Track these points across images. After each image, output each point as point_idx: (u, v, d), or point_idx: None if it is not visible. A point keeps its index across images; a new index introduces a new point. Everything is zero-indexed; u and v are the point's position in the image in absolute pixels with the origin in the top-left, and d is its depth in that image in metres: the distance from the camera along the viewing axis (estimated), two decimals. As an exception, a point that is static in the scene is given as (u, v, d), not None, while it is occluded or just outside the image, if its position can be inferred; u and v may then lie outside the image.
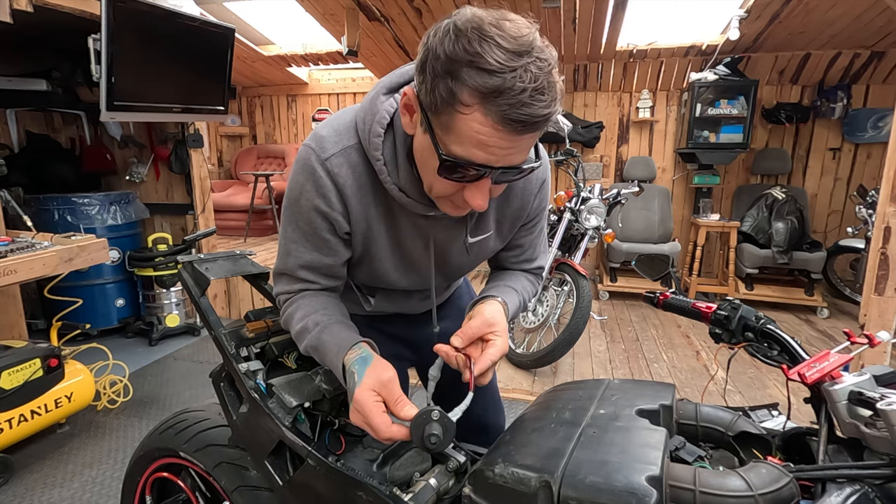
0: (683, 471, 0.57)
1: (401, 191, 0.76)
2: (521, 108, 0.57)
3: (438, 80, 0.59)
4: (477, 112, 0.58)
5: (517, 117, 0.57)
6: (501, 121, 0.58)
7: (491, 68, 0.56)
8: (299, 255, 0.82)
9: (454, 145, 0.62)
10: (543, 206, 0.94)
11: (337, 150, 0.76)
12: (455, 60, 0.57)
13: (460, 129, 0.60)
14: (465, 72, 0.57)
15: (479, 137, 0.60)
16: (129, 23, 2.41)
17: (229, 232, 5.22)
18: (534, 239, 0.98)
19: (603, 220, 3.06)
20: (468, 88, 0.57)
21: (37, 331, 3.14)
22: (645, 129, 4.80)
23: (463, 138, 0.61)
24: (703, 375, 2.87)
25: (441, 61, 0.59)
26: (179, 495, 1.11)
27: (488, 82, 0.56)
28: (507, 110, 0.57)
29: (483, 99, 0.57)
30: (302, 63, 5.21)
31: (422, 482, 0.72)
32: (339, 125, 0.78)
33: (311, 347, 0.80)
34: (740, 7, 3.51)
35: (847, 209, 4.44)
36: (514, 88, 0.56)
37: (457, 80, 0.58)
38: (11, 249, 1.88)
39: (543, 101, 0.58)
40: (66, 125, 3.76)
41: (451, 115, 0.60)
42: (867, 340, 0.70)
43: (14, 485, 1.90)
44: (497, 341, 0.74)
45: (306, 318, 0.81)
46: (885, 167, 1.99)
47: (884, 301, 2.01)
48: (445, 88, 0.59)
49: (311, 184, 0.76)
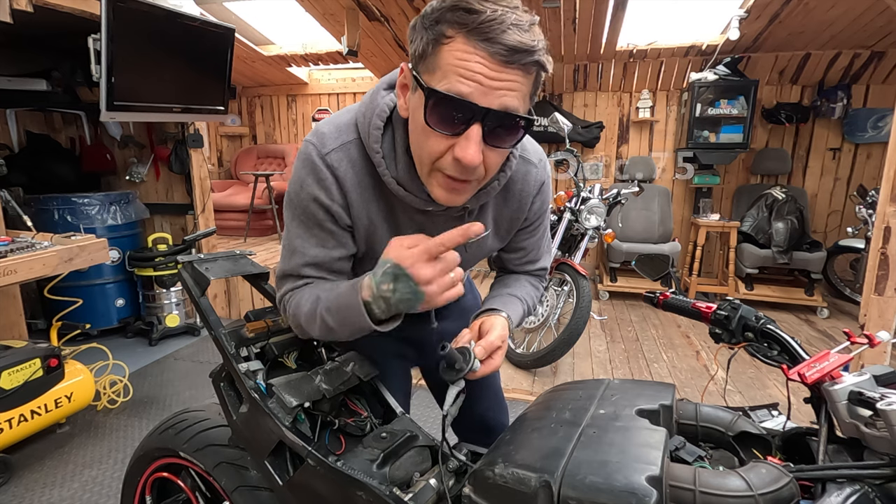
0: (683, 471, 0.57)
1: (399, 184, 0.77)
2: (502, 34, 0.59)
3: (427, 30, 0.63)
4: (459, 40, 0.61)
5: (499, 40, 0.59)
6: (483, 43, 0.59)
7: (471, 7, 0.59)
8: (304, 251, 0.80)
9: (440, 81, 0.62)
10: (544, 208, 0.94)
11: (337, 145, 0.77)
12: (441, 9, 0.62)
13: (445, 60, 0.62)
14: (450, 13, 0.61)
15: (462, 65, 0.61)
16: (129, 23, 2.41)
17: (229, 232, 5.22)
18: (536, 241, 0.98)
19: (603, 220, 3.06)
20: (450, 24, 0.61)
21: (37, 331, 3.14)
22: (645, 129, 4.80)
23: (447, 70, 0.62)
24: (703, 375, 2.87)
25: (429, 16, 0.63)
26: (179, 495, 1.11)
27: (468, 16, 0.60)
28: (487, 33, 0.59)
29: (464, 28, 0.60)
30: (302, 63, 5.21)
31: (422, 482, 0.72)
32: (340, 122, 0.79)
33: (326, 312, 0.75)
34: (740, 7, 3.51)
35: (847, 209, 4.44)
36: (496, 19, 0.59)
37: (442, 21, 0.62)
38: (11, 249, 1.88)
39: (526, 35, 0.60)
40: (66, 125, 3.76)
41: (436, 51, 0.62)
42: (867, 340, 0.70)
43: (14, 485, 1.90)
44: (497, 360, 0.77)
45: (313, 295, 0.78)
46: (885, 167, 1.99)
47: (884, 301, 2.01)
48: (432, 32, 0.63)
49: (312, 177, 0.77)
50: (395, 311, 0.68)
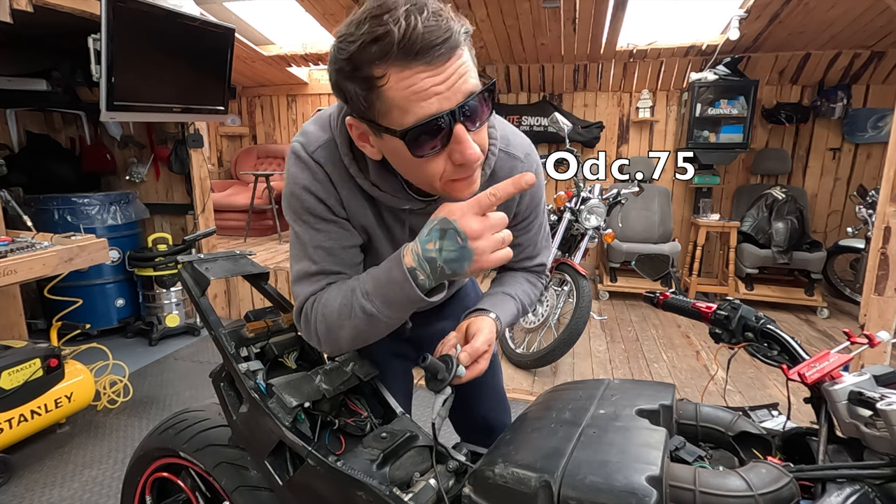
0: (683, 471, 0.57)
1: (373, 185, 0.77)
2: (420, 40, 0.56)
3: (351, 80, 0.61)
4: (392, 74, 0.58)
5: (424, 47, 0.56)
6: (414, 60, 0.57)
7: (376, 35, 0.56)
8: (317, 245, 0.79)
9: (403, 118, 0.61)
10: (535, 202, 0.93)
11: (321, 143, 0.77)
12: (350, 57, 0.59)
13: (393, 99, 0.60)
14: (363, 53, 0.58)
15: (412, 91, 0.58)
16: (129, 23, 2.41)
17: (229, 232, 5.21)
18: (532, 237, 0.97)
19: (603, 220, 3.06)
20: (370, 65, 0.58)
21: (37, 331, 3.14)
22: (645, 129, 4.80)
23: (403, 104, 0.60)
24: (703, 375, 2.87)
25: (343, 68, 0.60)
26: (179, 495, 1.11)
27: (381, 46, 0.56)
28: (410, 49, 0.56)
29: (387, 60, 0.57)
30: (302, 63, 5.20)
31: (422, 482, 0.72)
32: (322, 119, 0.80)
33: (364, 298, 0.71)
34: (740, 7, 3.51)
35: (847, 209, 4.44)
36: (404, 31, 0.56)
37: (361, 64, 0.59)
38: (11, 249, 1.88)
39: (435, 22, 0.57)
40: (66, 125, 3.76)
41: (379, 95, 0.60)
42: (867, 340, 0.70)
43: (14, 485, 1.90)
44: (483, 364, 0.77)
45: (346, 288, 0.75)
46: (885, 167, 1.99)
47: (884, 301, 2.01)
48: (359, 80, 0.60)
49: (304, 174, 0.77)
50: (442, 276, 0.65)
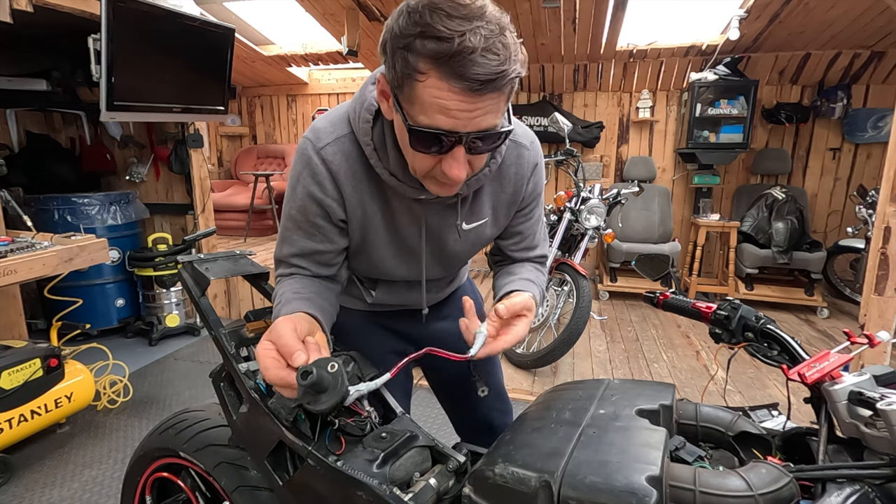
0: (683, 471, 0.57)
1: (391, 174, 0.79)
2: (472, 67, 0.58)
3: (396, 55, 0.62)
4: (432, 77, 0.60)
5: (470, 75, 0.59)
6: (456, 80, 0.59)
7: (440, 35, 0.58)
8: (293, 242, 0.86)
9: (420, 115, 0.64)
10: (538, 190, 0.95)
11: (332, 139, 0.80)
12: (408, 34, 0.60)
13: (421, 97, 0.62)
14: (418, 42, 0.60)
15: (439, 102, 0.61)
16: (129, 23, 2.41)
17: (229, 232, 5.22)
18: (532, 226, 0.98)
19: (603, 220, 3.06)
20: (422, 56, 0.60)
21: (37, 331, 3.14)
22: (645, 129, 4.80)
23: (426, 106, 0.63)
24: (703, 375, 2.87)
25: (397, 37, 0.62)
26: (179, 495, 1.11)
27: (439, 47, 0.59)
28: (459, 70, 0.59)
29: (436, 63, 0.59)
30: (302, 63, 5.21)
31: (422, 482, 0.72)
32: (335, 117, 0.82)
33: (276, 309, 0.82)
34: (740, 7, 3.51)
35: (847, 209, 4.44)
36: (465, 49, 0.58)
37: (411, 51, 0.61)
38: (11, 249, 1.88)
39: (496, 59, 0.59)
40: (66, 125, 3.75)
41: (412, 85, 0.62)
42: (867, 340, 0.70)
43: (14, 485, 1.90)
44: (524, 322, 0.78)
45: (281, 295, 0.83)
46: (885, 167, 1.99)
47: (884, 301, 2.01)
48: (403, 61, 0.62)
49: (307, 171, 0.80)
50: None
